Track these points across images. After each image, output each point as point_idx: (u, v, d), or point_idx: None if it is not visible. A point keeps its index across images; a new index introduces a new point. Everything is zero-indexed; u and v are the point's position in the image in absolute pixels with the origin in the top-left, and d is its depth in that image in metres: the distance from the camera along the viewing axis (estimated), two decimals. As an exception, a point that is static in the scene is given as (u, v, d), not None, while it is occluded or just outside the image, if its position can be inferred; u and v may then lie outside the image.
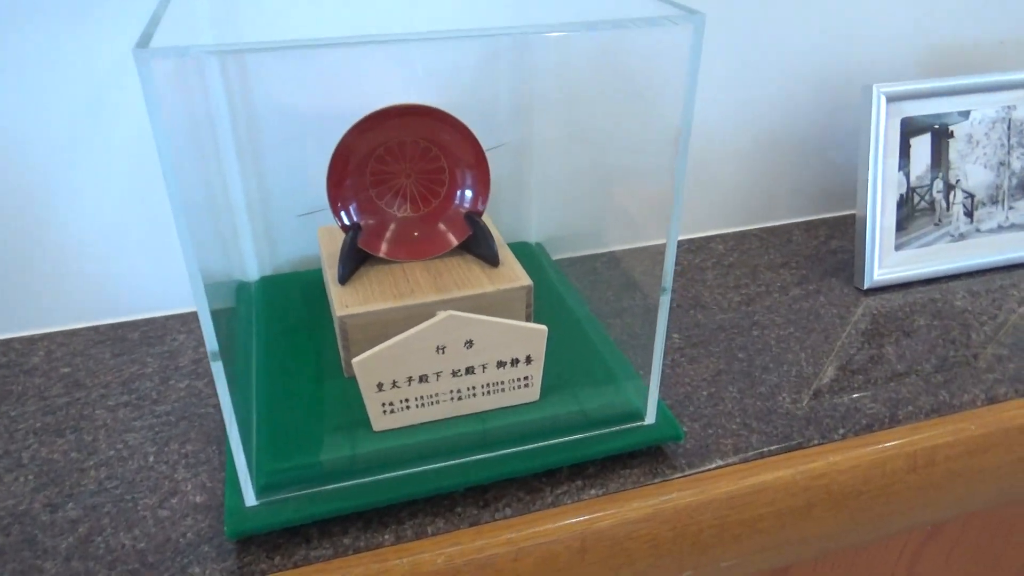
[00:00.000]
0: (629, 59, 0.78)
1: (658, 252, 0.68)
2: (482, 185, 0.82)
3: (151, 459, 0.74)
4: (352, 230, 0.80)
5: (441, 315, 0.66)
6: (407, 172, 0.81)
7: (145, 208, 0.89)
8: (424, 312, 0.74)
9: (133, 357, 0.88)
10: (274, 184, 0.92)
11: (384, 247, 0.81)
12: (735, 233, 1.14)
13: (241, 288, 0.93)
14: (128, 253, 0.91)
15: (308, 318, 0.86)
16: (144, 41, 0.49)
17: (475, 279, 0.78)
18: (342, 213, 0.80)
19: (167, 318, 0.94)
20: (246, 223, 0.93)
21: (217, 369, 0.59)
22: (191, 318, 0.94)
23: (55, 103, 0.82)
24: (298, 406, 0.73)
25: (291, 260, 0.97)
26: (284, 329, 0.85)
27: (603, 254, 1.07)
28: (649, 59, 0.70)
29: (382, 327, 0.74)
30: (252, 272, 0.95)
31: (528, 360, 0.71)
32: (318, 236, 0.88)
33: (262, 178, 0.91)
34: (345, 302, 0.75)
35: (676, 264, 1.07)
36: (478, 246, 0.82)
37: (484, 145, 0.80)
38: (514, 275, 0.79)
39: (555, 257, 1.03)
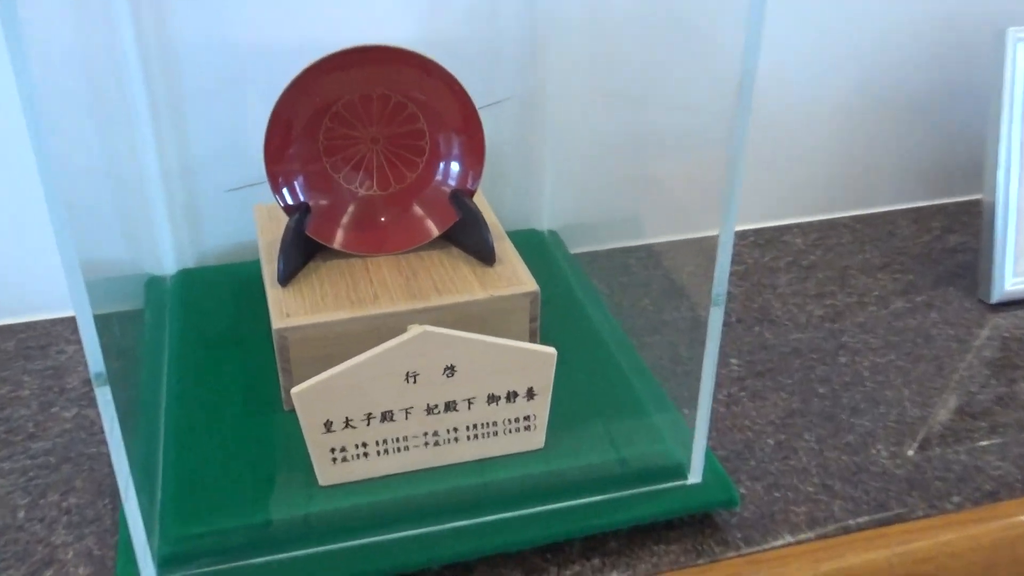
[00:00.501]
0: (675, 16, 0.79)
1: (711, 247, 0.67)
2: (474, 155, 0.81)
3: (21, 515, 0.73)
4: (297, 213, 0.79)
5: (414, 331, 0.65)
6: (373, 137, 0.80)
7: (22, 181, 0.88)
8: (391, 326, 0.73)
9: (5, 375, 0.87)
10: (199, 149, 0.91)
11: (340, 236, 0.80)
12: (819, 223, 1.13)
13: (152, 285, 0.92)
14: (2, 243, 0.90)
15: (238, 328, 0.85)
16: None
17: (462, 282, 0.77)
18: (284, 190, 0.79)
19: (52, 323, 0.93)
20: (161, 200, 0.92)
21: (104, 397, 0.58)
22: (85, 325, 0.93)
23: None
24: (219, 449, 0.72)
25: (219, 249, 0.96)
26: (206, 342, 0.84)
27: (637, 248, 1.06)
28: (700, 14, 0.69)
29: (334, 345, 0.73)
30: (168, 264, 0.95)
31: (531, 394, 0.70)
32: (255, 218, 0.87)
33: (183, 141, 0.91)
34: (286, 309, 0.74)
35: (736, 264, 1.07)
36: (467, 237, 0.81)
37: (478, 102, 0.79)
38: (515, 277, 0.78)
39: (573, 251, 1.02)
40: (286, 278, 0.77)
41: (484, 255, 0.79)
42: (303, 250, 0.79)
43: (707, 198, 0.85)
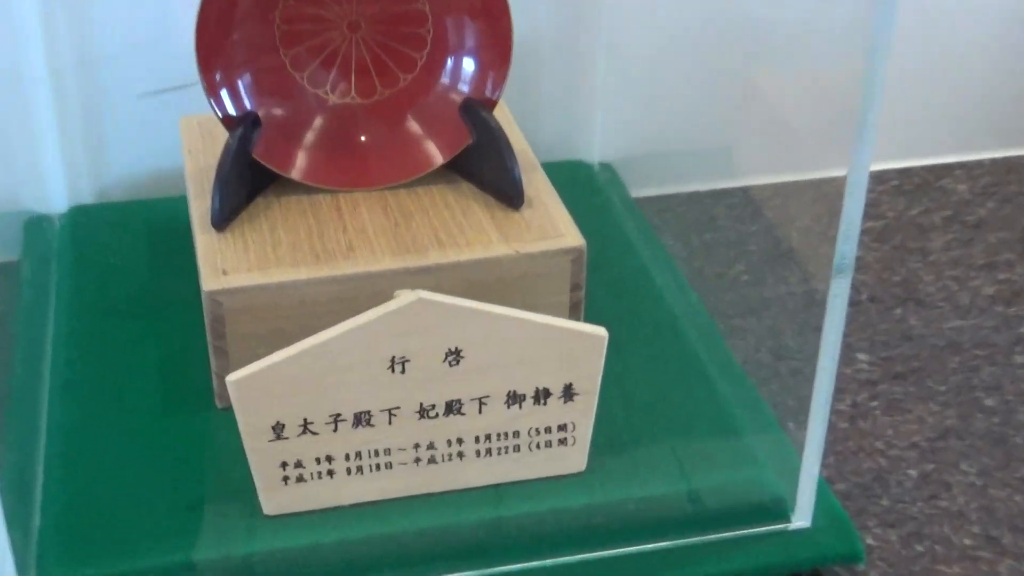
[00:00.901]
0: None
1: (834, 193, 0.67)
2: (497, 50, 0.81)
3: None
4: (241, 127, 0.79)
5: (403, 298, 0.65)
6: (351, 20, 0.80)
7: None
8: (371, 291, 0.73)
9: None
10: (103, 37, 0.92)
11: (301, 162, 0.81)
12: (991, 164, 1.13)
13: (32, 228, 0.94)
14: None
15: (153, 290, 0.86)
16: None
17: (475, 232, 0.78)
18: (224, 94, 0.79)
19: None
20: (48, 109, 0.93)
21: None
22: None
23: None
24: (122, 462, 0.73)
25: (128, 179, 0.97)
26: (107, 309, 0.85)
27: (727, 192, 1.07)
28: None
29: (289, 316, 0.74)
30: (56, 199, 0.96)
31: (569, 394, 0.70)
32: (180, 135, 0.88)
33: (80, 26, 0.91)
34: (222, 264, 0.75)
35: (871, 218, 1.07)
36: (484, 168, 0.81)
37: None
38: (551, 227, 0.79)
39: (635, 193, 1.03)
40: (223, 220, 0.77)
41: (508, 194, 0.79)
42: (249, 181, 0.79)
43: (831, 123, 0.84)
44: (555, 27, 0.99)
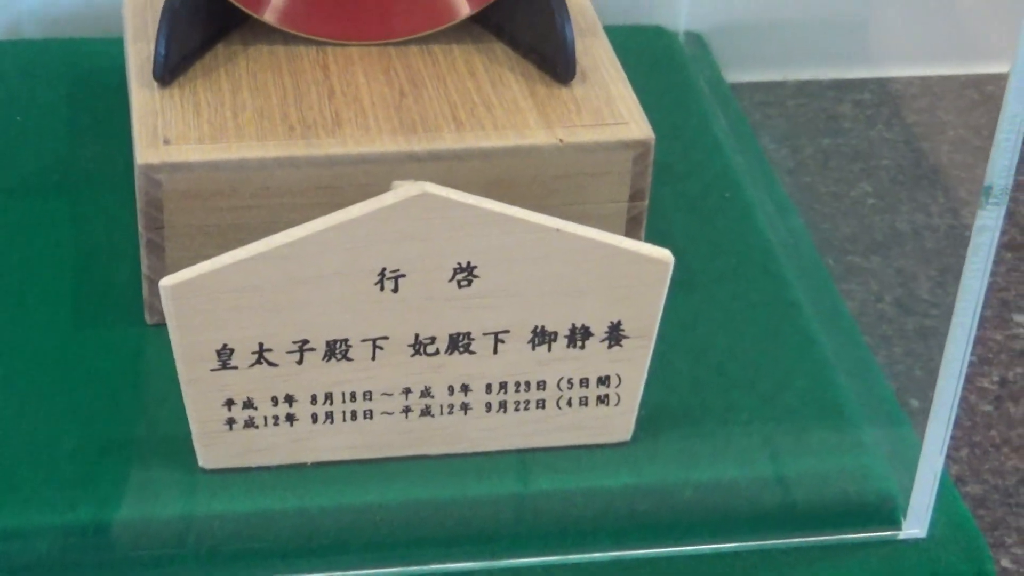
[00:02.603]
0: None
1: (993, 92, 0.67)
2: None
3: None
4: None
5: (403, 190, 0.66)
6: None
7: None
8: (362, 180, 0.74)
9: None
10: None
11: (280, 1, 0.81)
12: None
13: None
14: None
15: (69, 159, 0.87)
16: None
17: (506, 109, 0.79)
18: None
19: None
20: None
21: None
22: None
23: None
24: (19, 390, 0.74)
25: (47, 9, 0.98)
26: (8, 183, 0.86)
27: (852, 84, 1.07)
28: None
29: (250, 206, 0.75)
30: None
31: (616, 336, 0.71)
32: None
33: None
34: (162, 130, 0.76)
35: None
36: (523, 23, 0.81)
37: None
38: (610, 110, 0.79)
39: (731, 77, 1.04)
40: (170, 71, 0.78)
41: (555, 62, 0.80)
42: (207, 20, 0.80)
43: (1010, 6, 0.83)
44: None
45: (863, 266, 0.91)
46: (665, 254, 0.69)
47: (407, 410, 0.70)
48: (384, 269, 0.66)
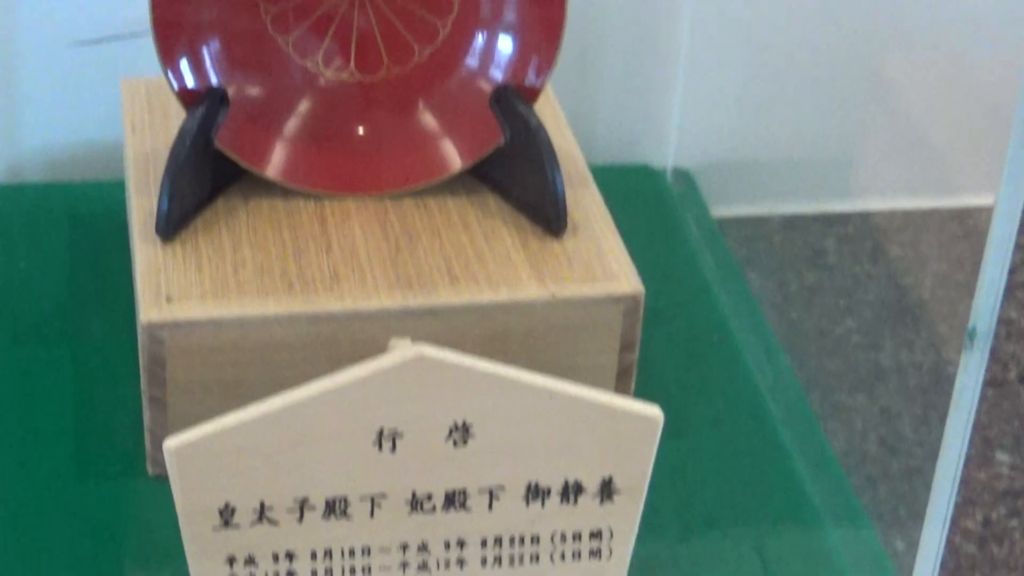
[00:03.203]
0: None
1: (981, 228, 0.68)
2: (544, 27, 0.82)
3: None
4: (203, 105, 0.81)
5: (400, 350, 0.66)
6: (356, -27, 0.82)
7: None
8: (360, 336, 0.75)
9: None
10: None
11: (280, 156, 0.83)
12: None
13: None
14: None
15: (70, 311, 0.88)
16: None
17: (500, 263, 0.79)
18: (183, 60, 0.81)
19: None
20: None
21: None
22: None
23: None
24: (19, 542, 0.74)
25: (50, 154, 0.99)
26: (11, 331, 0.86)
27: (837, 218, 1.08)
28: None
29: (251, 362, 0.76)
30: None
31: (608, 491, 0.71)
32: (121, 103, 0.89)
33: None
34: (166, 288, 0.76)
35: None
36: (518, 177, 0.83)
37: None
38: (601, 264, 0.80)
39: (717, 212, 1.04)
40: (172, 227, 0.79)
41: (547, 216, 0.81)
42: (209, 177, 0.81)
43: (980, 134, 0.84)
44: None
45: (848, 404, 0.92)
46: (655, 412, 0.69)
47: (404, 565, 0.70)
48: (382, 429, 0.67)
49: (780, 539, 0.78)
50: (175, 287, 0.76)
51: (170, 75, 0.81)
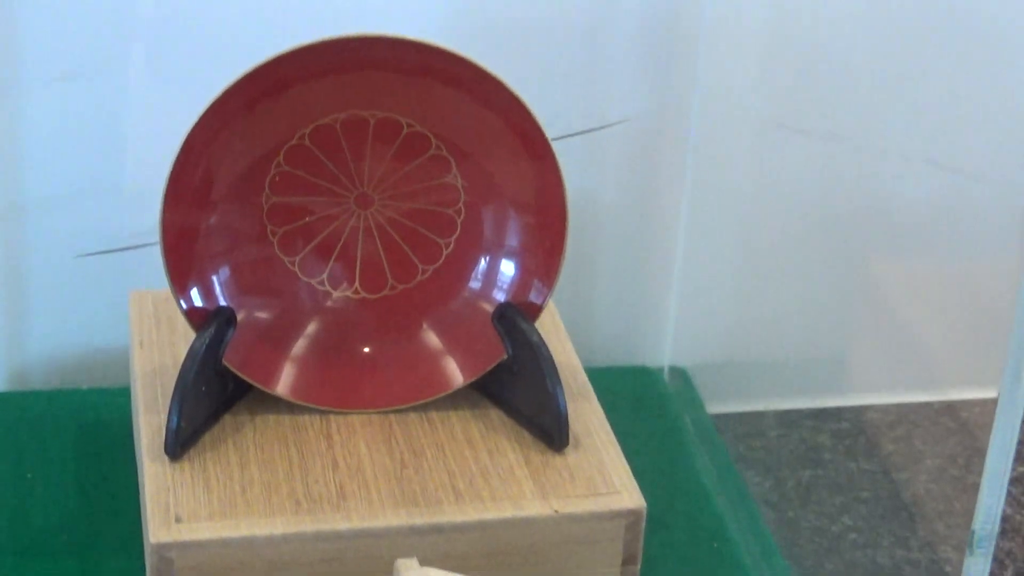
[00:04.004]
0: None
1: (976, 421, 0.68)
2: (546, 249, 0.84)
3: None
4: (212, 326, 0.82)
5: (405, 570, 0.68)
6: (361, 193, 0.84)
7: None
8: (367, 553, 0.75)
9: None
10: (35, 178, 0.95)
11: (287, 376, 0.84)
12: None
13: None
14: None
15: (79, 522, 0.88)
16: None
17: (503, 479, 0.80)
18: (194, 288, 0.83)
19: None
20: None
21: None
22: None
23: None
24: None
25: (54, 362, 1.00)
26: (15, 544, 0.87)
27: (833, 414, 1.08)
28: None
29: None
30: None
31: None
32: (129, 316, 0.91)
33: (6, 163, 0.95)
34: (175, 508, 0.77)
35: None
36: (521, 394, 0.84)
37: (560, 128, 0.85)
38: (602, 478, 0.81)
39: (713, 409, 1.05)
40: (180, 447, 0.80)
41: (549, 432, 0.82)
42: (216, 395, 0.82)
43: (972, 331, 0.85)
44: (622, 191, 1.03)
45: None
46: None
47: None
48: None
49: None
50: (184, 507, 0.77)
51: (180, 300, 0.82)
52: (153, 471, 0.80)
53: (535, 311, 0.85)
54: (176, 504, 0.77)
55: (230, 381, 0.83)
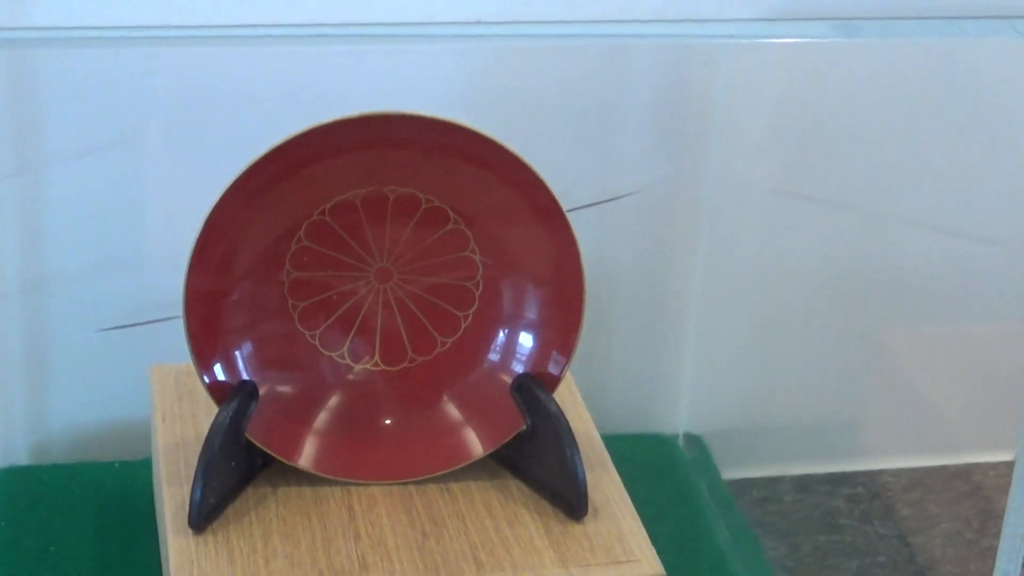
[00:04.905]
0: (952, 81, 0.82)
1: (990, 485, 0.68)
2: (563, 321, 0.85)
3: None
4: (235, 400, 0.83)
5: None
6: (381, 267, 0.85)
7: None
8: None
9: None
10: (55, 252, 0.97)
11: (309, 448, 0.85)
12: None
13: None
14: None
15: None
16: None
17: (523, 548, 0.81)
18: (216, 364, 0.84)
19: None
20: None
21: None
22: None
23: None
24: None
25: (77, 435, 1.01)
26: None
27: (848, 479, 1.08)
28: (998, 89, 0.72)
29: None
30: None
31: None
32: (151, 390, 0.92)
33: (32, 235, 0.96)
34: None
35: None
36: (539, 464, 0.84)
37: (573, 200, 0.84)
38: (621, 547, 0.81)
39: (728, 475, 1.06)
40: (205, 520, 0.81)
41: (568, 501, 0.83)
42: (240, 468, 0.83)
43: (990, 397, 0.86)
44: (637, 260, 1.04)
45: None
46: None
47: None
48: None
49: None
50: (209, 579, 0.78)
51: (203, 376, 0.83)
52: (177, 544, 0.80)
53: (553, 382, 0.86)
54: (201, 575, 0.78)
55: (253, 453, 0.84)
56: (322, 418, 0.86)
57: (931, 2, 0.79)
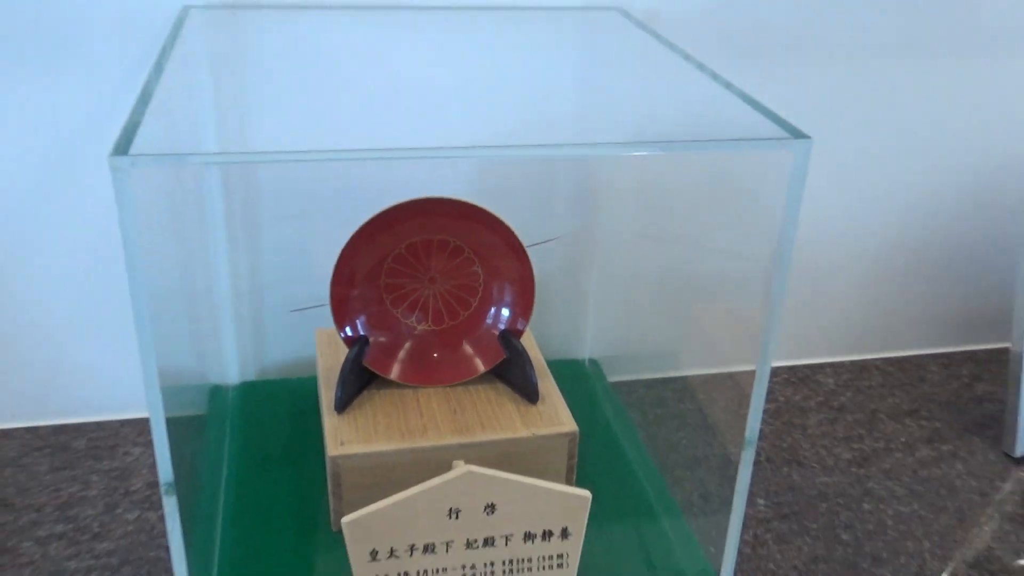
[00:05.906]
0: (721, 171, 0.80)
1: (745, 383, 0.68)
2: (524, 301, 0.85)
3: (81, 616, 0.75)
4: (357, 345, 0.83)
5: (459, 469, 0.68)
6: (431, 276, 0.85)
7: (106, 289, 0.92)
8: (438, 458, 0.76)
9: (75, 473, 0.90)
10: (269, 271, 0.96)
11: (396, 369, 0.85)
12: (850, 364, 1.11)
13: (216, 394, 0.95)
14: (81, 340, 0.93)
15: (295, 443, 0.89)
16: (122, 146, 0.52)
17: (506, 419, 0.81)
18: (347, 327, 0.84)
19: (121, 424, 0.96)
20: (229, 315, 0.96)
21: (171, 508, 0.60)
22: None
23: (12, 158, 0.86)
24: (269, 563, 0.75)
25: (280, 363, 0.99)
26: (263, 456, 0.87)
27: (674, 379, 1.06)
28: (745, 174, 0.72)
29: (385, 472, 0.77)
30: (232, 374, 0.98)
31: (564, 534, 0.71)
32: (316, 341, 0.91)
33: (255, 263, 0.96)
34: (340, 437, 0.78)
35: (768, 401, 1.06)
36: (513, 375, 0.84)
37: (530, 238, 0.84)
38: (556, 417, 0.81)
39: (612, 379, 1.03)
40: (343, 406, 0.81)
41: (528, 394, 0.83)
42: (360, 379, 0.83)
43: (744, 334, 0.84)
44: (563, 264, 1.03)
45: (682, 477, 0.88)
46: (586, 493, 0.70)
47: (464, 576, 0.72)
48: (451, 508, 0.68)
49: (651, 549, 0.79)
50: (345, 436, 0.78)
51: (341, 333, 0.83)
52: (329, 419, 0.81)
53: (519, 334, 0.86)
54: (341, 435, 0.78)
55: (366, 373, 0.84)
56: (400, 353, 0.85)
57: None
